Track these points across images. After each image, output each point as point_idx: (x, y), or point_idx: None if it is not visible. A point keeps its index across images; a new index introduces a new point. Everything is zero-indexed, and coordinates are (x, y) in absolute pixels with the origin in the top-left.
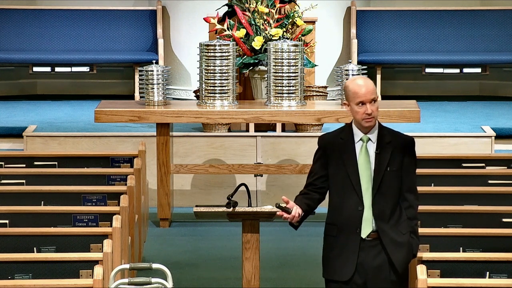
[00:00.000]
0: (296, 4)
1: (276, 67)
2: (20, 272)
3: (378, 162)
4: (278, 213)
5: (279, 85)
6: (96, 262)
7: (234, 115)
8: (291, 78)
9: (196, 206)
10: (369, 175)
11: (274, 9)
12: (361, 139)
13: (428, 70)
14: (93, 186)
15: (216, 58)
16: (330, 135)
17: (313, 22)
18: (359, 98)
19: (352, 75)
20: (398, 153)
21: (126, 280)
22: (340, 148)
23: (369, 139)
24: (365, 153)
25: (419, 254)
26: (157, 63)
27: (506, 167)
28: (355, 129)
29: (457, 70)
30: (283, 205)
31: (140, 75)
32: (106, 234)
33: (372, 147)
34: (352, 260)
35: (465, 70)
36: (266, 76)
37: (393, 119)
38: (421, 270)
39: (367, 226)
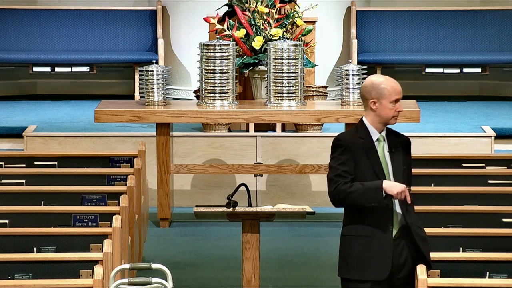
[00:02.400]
0: (296, 4)
1: (276, 67)
2: (20, 272)
3: (395, 160)
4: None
5: (279, 85)
6: (96, 262)
7: (234, 115)
8: (291, 78)
9: (196, 206)
10: (389, 174)
11: (274, 9)
12: (378, 139)
13: (428, 70)
14: (93, 186)
15: (216, 58)
16: (349, 135)
17: (313, 22)
18: (397, 96)
19: (352, 75)
20: (404, 151)
21: (126, 280)
22: (363, 147)
23: (384, 138)
24: (382, 152)
25: None
26: (157, 63)
27: (506, 167)
28: (371, 128)
29: (457, 70)
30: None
31: (140, 75)
32: (106, 234)
33: (385, 146)
34: (388, 259)
35: (465, 70)
36: (266, 76)
37: None
38: (421, 270)
39: (396, 224)
